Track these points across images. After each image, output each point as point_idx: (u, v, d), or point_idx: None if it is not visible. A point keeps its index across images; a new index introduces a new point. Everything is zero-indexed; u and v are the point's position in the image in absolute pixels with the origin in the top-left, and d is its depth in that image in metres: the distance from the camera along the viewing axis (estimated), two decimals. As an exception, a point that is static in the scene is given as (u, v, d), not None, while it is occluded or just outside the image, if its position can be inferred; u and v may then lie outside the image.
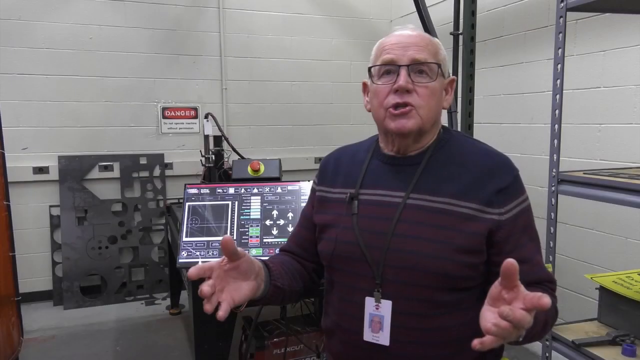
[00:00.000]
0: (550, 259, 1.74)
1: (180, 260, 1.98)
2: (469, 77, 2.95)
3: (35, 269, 3.89)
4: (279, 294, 1.13)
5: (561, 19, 1.67)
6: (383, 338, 1.05)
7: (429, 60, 1.07)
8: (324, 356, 1.26)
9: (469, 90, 2.96)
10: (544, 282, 1.06)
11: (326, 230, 1.18)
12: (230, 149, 3.16)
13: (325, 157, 1.30)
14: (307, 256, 1.26)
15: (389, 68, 1.08)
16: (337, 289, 1.16)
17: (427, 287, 1.02)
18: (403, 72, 1.05)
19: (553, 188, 1.71)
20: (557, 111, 1.69)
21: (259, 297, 1.05)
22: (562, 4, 1.66)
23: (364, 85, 1.19)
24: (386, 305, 1.04)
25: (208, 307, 0.91)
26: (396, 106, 1.06)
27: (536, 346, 3.00)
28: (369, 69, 1.14)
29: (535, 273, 1.05)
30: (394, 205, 1.08)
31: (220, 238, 2.00)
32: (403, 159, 1.14)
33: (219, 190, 2.15)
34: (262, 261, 1.11)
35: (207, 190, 2.16)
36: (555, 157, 1.71)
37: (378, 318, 1.05)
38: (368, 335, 1.06)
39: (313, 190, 1.29)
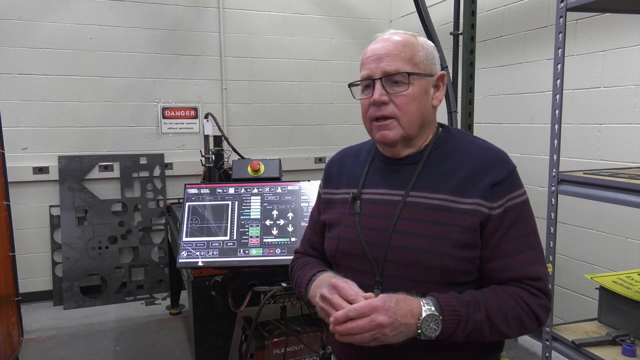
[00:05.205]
0: (550, 259, 1.74)
1: (180, 260, 1.98)
2: (469, 77, 2.95)
3: (35, 269, 3.89)
4: None
5: (561, 19, 1.67)
6: None
7: (400, 70, 1.08)
8: (329, 349, 1.27)
9: (469, 90, 2.96)
10: (524, 279, 1.05)
11: (331, 229, 1.22)
12: (230, 149, 3.17)
13: (330, 160, 1.34)
14: (323, 258, 1.29)
15: (367, 83, 1.12)
16: None
17: (427, 282, 1.04)
18: (377, 86, 1.09)
19: (553, 188, 1.71)
20: (557, 111, 1.69)
21: None
22: (562, 4, 1.66)
23: None
24: None
25: None
26: (377, 119, 1.11)
27: (536, 346, 3.00)
28: (349, 86, 1.18)
29: (515, 270, 1.05)
30: (394, 203, 1.11)
31: (220, 238, 2.01)
32: (402, 158, 1.16)
33: (219, 190, 2.15)
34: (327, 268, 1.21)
35: (207, 190, 2.15)
36: (555, 157, 1.71)
37: None
38: None
39: (319, 194, 1.32)
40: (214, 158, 3.14)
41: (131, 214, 4.05)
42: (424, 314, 0.96)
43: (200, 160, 3.23)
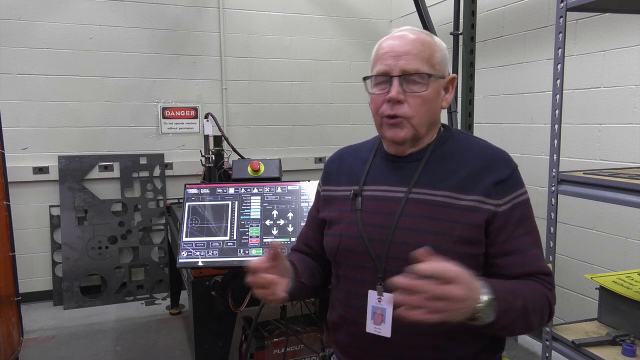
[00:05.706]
0: (550, 259, 1.74)
1: (180, 260, 1.98)
2: (469, 77, 2.95)
3: (35, 269, 3.89)
4: (302, 289, 1.19)
5: (561, 19, 1.67)
6: (385, 330, 1.07)
7: (420, 70, 1.08)
8: (329, 350, 1.27)
9: (469, 90, 2.96)
10: (536, 274, 1.06)
11: (332, 226, 1.22)
12: (230, 149, 3.17)
13: (329, 159, 1.34)
14: (315, 255, 1.30)
15: (384, 79, 1.11)
16: (343, 282, 1.19)
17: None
18: (395, 83, 1.08)
19: (553, 188, 1.71)
20: (557, 111, 1.69)
21: (288, 292, 1.10)
22: (562, 4, 1.66)
23: None
24: (388, 298, 1.06)
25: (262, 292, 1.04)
26: (389, 116, 1.10)
27: (536, 346, 3.00)
28: (364, 79, 1.17)
29: (528, 265, 1.06)
30: (396, 200, 1.11)
31: (220, 238, 2.01)
32: (404, 156, 1.17)
33: (219, 190, 2.15)
34: (287, 259, 1.19)
35: (207, 190, 2.16)
36: (555, 157, 1.71)
37: (380, 310, 1.08)
38: (370, 327, 1.09)
39: (318, 192, 1.32)
40: (214, 158, 3.14)
41: (131, 214, 4.05)
42: (485, 297, 0.91)
43: (200, 160, 3.23)
